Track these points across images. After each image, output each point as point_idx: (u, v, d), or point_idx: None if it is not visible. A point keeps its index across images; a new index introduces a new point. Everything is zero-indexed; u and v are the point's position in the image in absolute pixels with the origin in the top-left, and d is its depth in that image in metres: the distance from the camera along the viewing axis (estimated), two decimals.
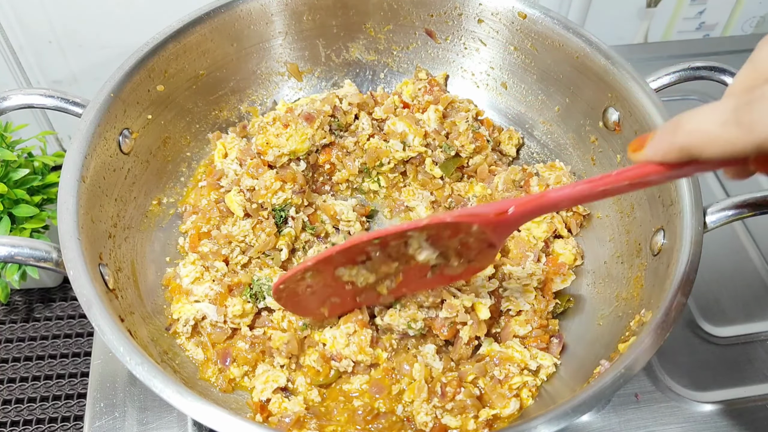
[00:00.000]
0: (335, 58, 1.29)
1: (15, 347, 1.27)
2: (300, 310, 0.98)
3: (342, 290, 0.93)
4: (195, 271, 1.03)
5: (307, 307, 0.97)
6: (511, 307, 1.02)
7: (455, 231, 0.84)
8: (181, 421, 1.00)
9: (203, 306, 1.00)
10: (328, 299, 0.95)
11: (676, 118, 0.58)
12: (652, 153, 0.61)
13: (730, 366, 1.11)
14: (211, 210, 1.11)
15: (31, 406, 1.20)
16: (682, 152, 0.57)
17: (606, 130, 1.10)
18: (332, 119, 1.18)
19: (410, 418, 0.93)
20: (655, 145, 0.60)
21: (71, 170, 0.91)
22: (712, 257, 1.19)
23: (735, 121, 0.51)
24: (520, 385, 0.95)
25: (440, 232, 0.84)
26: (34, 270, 1.18)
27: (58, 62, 1.35)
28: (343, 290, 0.93)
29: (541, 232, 1.09)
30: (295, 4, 1.19)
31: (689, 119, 0.56)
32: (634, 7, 1.59)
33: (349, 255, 0.87)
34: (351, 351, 0.96)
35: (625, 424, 1.03)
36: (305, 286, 0.92)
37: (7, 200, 1.13)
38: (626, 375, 0.76)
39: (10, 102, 0.97)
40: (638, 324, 0.88)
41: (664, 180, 0.67)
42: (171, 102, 1.13)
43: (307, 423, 0.92)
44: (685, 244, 0.87)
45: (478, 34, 1.23)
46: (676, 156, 0.58)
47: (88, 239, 0.88)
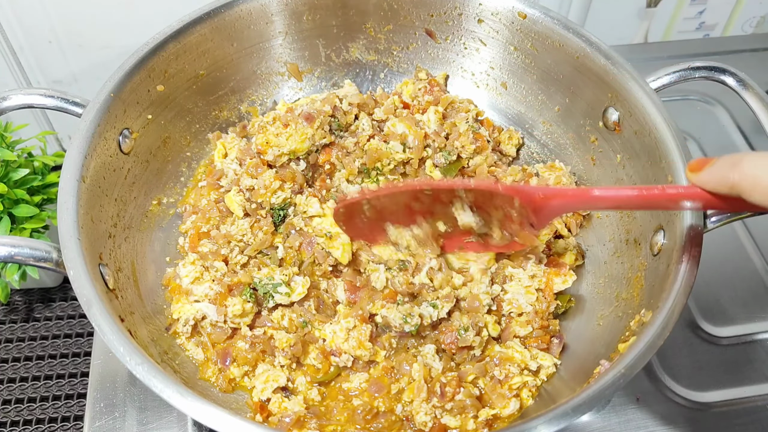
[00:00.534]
0: (335, 58, 1.29)
1: (15, 347, 1.27)
2: (353, 233, 1.04)
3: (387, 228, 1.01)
4: (195, 271, 1.03)
5: (360, 232, 1.03)
6: (513, 309, 1.02)
7: (499, 201, 0.89)
8: (181, 421, 1.00)
9: (203, 306, 1.00)
10: (378, 230, 1.02)
11: (740, 155, 0.60)
12: (706, 179, 0.63)
13: (730, 366, 1.11)
14: (211, 210, 1.11)
15: (31, 406, 1.20)
16: (732, 189, 0.59)
17: (606, 130, 1.10)
18: (332, 119, 1.18)
19: (410, 418, 0.93)
20: (711, 173, 0.63)
21: (71, 170, 0.91)
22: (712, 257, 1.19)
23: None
24: (520, 385, 0.95)
25: (485, 198, 0.90)
26: (34, 270, 1.18)
27: (58, 62, 1.35)
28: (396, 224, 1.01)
29: (542, 234, 1.09)
30: (295, 4, 1.19)
31: (749, 161, 0.58)
32: (634, 7, 1.59)
33: (401, 199, 0.94)
34: (350, 346, 0.96)
35: (625, 424, 1.03)
36: (360, 215, 0.99)
37: (7, 200, 1.13)
38: (626, 375, 0.76)
39: (10, 102, 0.97)
40: (638, 324, 0.88)
41: (706, 207, 0.69)
42: (171, 102, 1.13)
43: (307, 423, 0.92)
44: (685, 244, 0.87)
45: (478, 34, 1.23)
46: (726, 190, 0.61)
47: (88, 239, 0.88)
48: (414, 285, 1.01)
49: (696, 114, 1.48)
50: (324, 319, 1.01)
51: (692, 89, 1.49)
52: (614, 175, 1.09)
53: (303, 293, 1.02)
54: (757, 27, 1.69)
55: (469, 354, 0.99)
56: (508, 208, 0.89)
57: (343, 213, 1.00)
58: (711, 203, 0.67)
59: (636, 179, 1.04)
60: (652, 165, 0.99)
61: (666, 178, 0.95)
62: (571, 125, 1.18)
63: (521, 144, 1.26)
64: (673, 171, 0.93)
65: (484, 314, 1.01)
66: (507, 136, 1.24)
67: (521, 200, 0.87)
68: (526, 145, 1.27)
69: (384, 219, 1.00)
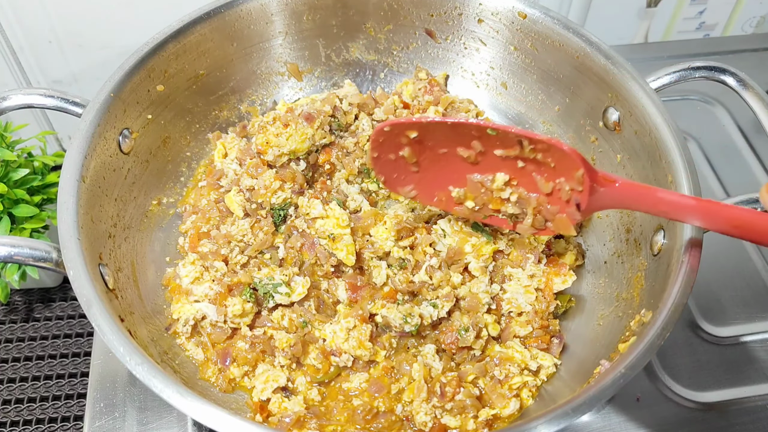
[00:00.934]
0: (335, 58, 1.29)
1: (15, 347, 1.27)
2: (379, 167, 0.97)
3: (428, 176, 0.95)
4: (195, 271, 1.03)
5: (385, 168, 0.96)
6: (512, 309, 1.02)
7: (560, 164, 0.82)
8: (181, 421, 1.00)
9: (203, 306, 1.00)
10: (405, 174, 0.96)
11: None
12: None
13: (730, 366, 1.11)
14: (211, 210, 1.11)
15: (31, 406, 1.20)
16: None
17: (606, 129, 1.10)
18: (332, 119, 1.18)
19: (410, 418, 0.93)
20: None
21: (71, 170, 0.91)
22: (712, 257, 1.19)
23: None
24: (521, 385, 0.95)
25: (547, 155, 0.83)
26: (34, 270, 1.18)
27: (58, 62, 1.35)
28: (428, 176, 0.95)
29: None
30: (295, 4, 1.19)
31: None
32: (634, 7, 1.59)
33: (453, 136, 0.89)
34: (350, 345, 0.96)
35: (625, 424, 1.03)
36: (398, 147, 0.93)
37: (7, 200, 1.13)
38: (626, 375, 0.76)
39: (10, 102, 0.98)
40: (638, 324, 0.88)
41: None
42: (171, 102, 1.13)
43: (307, 423, 0.92)
44: (685, 244, 0.87)
45: (478, 34, 1.23)
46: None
47: (88, 239, 0.88)
48: (414, 283, 1.01)
49: (696, 114, 1.48)
50: (324, 319, 1.01)
51: (692, 89, 1.49)
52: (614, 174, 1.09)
53: (303, 293, 1.02)
54: (757, 27, 1.69)
55: (469, 354, 0.99)
56: (564, 178, 0.83)
57: (385, 134, 0.91)
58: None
59: (636, 179, 1.04)
60: (652, 165, 0.99)
61: (666, 178, 0.95)
62: (571, 125, 1.18)
63: None
64: (674, 171, 0.93)
65: (483, 314, 1.01)
66: None
67: (586, 170, 0.79)
68: None
69: (420, 162, 0.93)
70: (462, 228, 1.05)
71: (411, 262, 1.03)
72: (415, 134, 0.91)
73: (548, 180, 0.86)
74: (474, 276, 1.04)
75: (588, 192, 0.82)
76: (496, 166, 0.91)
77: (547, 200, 0.88)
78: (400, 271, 1.02)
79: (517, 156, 0.88)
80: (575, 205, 0.84)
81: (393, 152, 0.94)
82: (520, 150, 0.86)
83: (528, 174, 0.89)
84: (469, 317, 0.99)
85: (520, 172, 0.90)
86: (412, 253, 1.05)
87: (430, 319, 0.98)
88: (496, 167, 0.91)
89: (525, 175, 0.89)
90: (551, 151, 0.83)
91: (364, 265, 1.06)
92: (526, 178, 0.90)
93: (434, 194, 0.98)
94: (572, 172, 0.81)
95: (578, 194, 0.83)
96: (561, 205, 0.86)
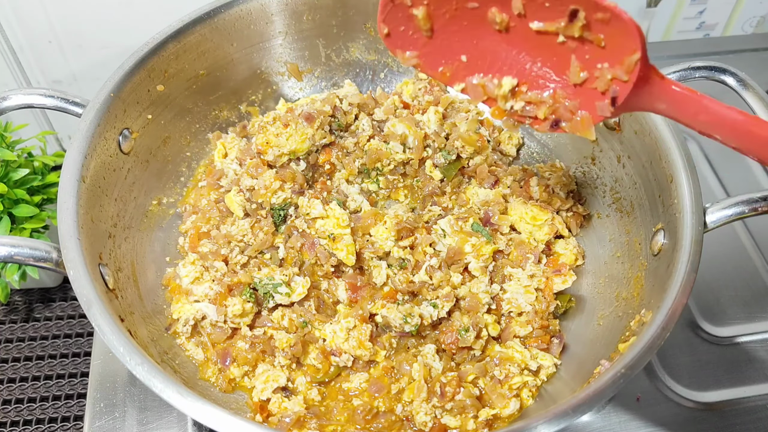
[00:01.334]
0: (335, 58, 1.29)
1: (15, 347, 1.27)
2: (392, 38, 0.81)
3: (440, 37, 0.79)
4: (195, 271, 1.03)
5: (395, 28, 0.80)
6: (512, 309, 1.02)
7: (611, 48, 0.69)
8: (181, 421, 1.00)
9: (203, 306, 1.00)
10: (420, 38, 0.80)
11: None
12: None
13: (730, 366, 1.11)
14: (211, 210, 1.11)
15: (31, 406, 1.20)
16: None
17: (606, 129, 1.10)
18: (332, 119, 1.18)
19: (410, 418, 0.93)
20: None
21: (71, 170, 0.91)
22: (712, 257, 1.19)
23: None
24: (521, 385, 0.95)
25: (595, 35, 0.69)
26: (34, 270, 1.18)
27: (58, 62, 1.35)
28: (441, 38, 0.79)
29: (542, 234, 1.09)
30: (295, 4, 1.19)
31: None
32: (634, 7, 1.59)
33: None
34: (350, 346, 0.96)
35: (625, 424, 1.03)
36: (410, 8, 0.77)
37: (7, 200, 1.13)
38: (626, 375, 0.76)
39: (10, 102, 0.97)
40: (638, 324, 0.88)
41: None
42: (171, 102, 1.13)
43: (307, 423, 0.92)
44: (685, 244, 0.87)
45: None
46: None
47: (88, 239, 0.88)
48: (414, 283, 1.01)
49: None
50: (324, 319, 1.01)
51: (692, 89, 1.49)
52: (614, 174, 1.09)
53: (303, 293, 1.02)
54: (757, 27, 1.69)
55: (469, 354, 0.99)
56: (609, 63, 0.69)
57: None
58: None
59: (636, 178, 1.04)
60: (652, 165, 0.99)
61: (666, 178, 0.95)
62: None
63: (521, 144, 1.26)
64: (674, 171, 0.93)
65: (483, 314, 1.01)
66: (507, 136, 1.24)
67: (642, 52, 0.66)
68: (526, 145, 1.27)
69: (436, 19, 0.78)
70: (462, 228, 1.05)
71: (411, 262, 1.03)
72: None
73: (585, 67, 0.72)
74: (474, 276, 1.04)
75: (633, 83, 0.69)
76: (526, 42, 0.75)
77: (569, 94, 0.75)
78: (400, 271, 1.02)
79: (558, 31, 0.72)
80: (611, 98, 0.71)
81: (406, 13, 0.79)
82: (568, 24, 0.71)
83: (556, 57, 0.75)
84: (469, 317, 0.99)
85: (551, 52, 0.75)
86: (412, 253, 1.05)
87: (430, 319, 0.98)
88: (526, 43, 0.76)
89: (555, 56, 0.74)
90: (608, 26, 0.69)
91: (364, 265, 1.06)
92: (552, 62, 0.75)
93: (440, 63, 0.82)
94: (624, 55, 0.68)
95: (621, 84, 0.70)
96: (587, 99, 0.73)
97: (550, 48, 0.74)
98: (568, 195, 1.13)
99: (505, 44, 0.77)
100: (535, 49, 0.76)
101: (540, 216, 1.09)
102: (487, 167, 1.18)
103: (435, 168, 1.17)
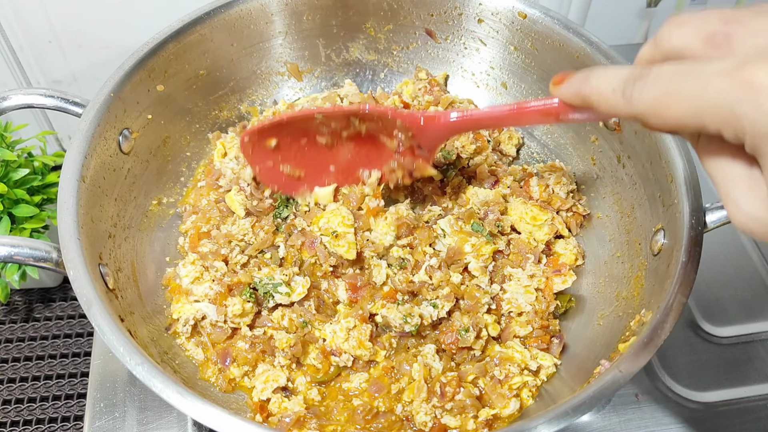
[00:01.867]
0: (335, 58, 1.29)
1: (15, 347, 1.27)
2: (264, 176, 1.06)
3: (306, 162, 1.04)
4: (195, 271, 1.03)
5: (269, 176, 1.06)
6: (512, 309, 1.02)
7: (388, 126, 0.96)
8: (181, 421, 1.00)
9: (203, 306, 1.00)
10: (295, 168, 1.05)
11: (589, 70, 0.65)
12: (563, 92, 0.70)
13: (730, 366, 1.11)
14: (211, 210, 1.11)
15: (31, 406, 1.20)
16: (584, 101, 0.66)
17: (606, 129, 1.10)
18: None
19: (410, 418, 0.93)
20: (567, 87, 0.69)
21: (71, 170, 0.91)
22: (712, 257, 1.19)
23: (621, 92, 0.59)
24: (521, 385, 0.95)
25: (376, 124, 0.97)
26: (34, 270, 1.18)
27: (58, 62, 1.35)
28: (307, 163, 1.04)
29: (542, 234, 1.09)
30: (295, 3, 1.19)
31: (596, 76, 0.64)
32: (634, 7, 1.59)
33: (300, 125, 0.99)
34: (350, 345, 0.96)
35: (625, 424, 1.03)
36: (270, 155, 1.03)
37: (7, 200, 1.13)
38: (626, 375, 0.76)
39: (10, 102, 0.97)
40: (638, 324, 0.88)
41: (567, 119, 0.76)
42: (171, 102, 1.13)
43: (307, 423, 0.92)
44: (685, 244, 0.87)
45: (478, 33, 1.23)
46: (579, 102, 0.67)
47: (88, 239, 0.88)
48: (414, 283, 1.01)
49: None
50: (324, 319, 1.01)
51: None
52: (614, 174, 1.09)
53: (303, 293, 1.02)
54: None
55: (469, 354, 0.99)
56: (397, 131, 0.96)
57: (248, 143, 1.01)
58: (570, 114, 0.75)
59: (636, 178, 1.04)
60: (652, 165, 0.99)
61: (666, 178, 0.95)
62: (572, 125, 1.18)
63: (521, 144, 1.26)
64: (674, 171, 0.93)
65: (483, 314, 1.01)
66: (507, 136, 1.24)
67: (402, 120, 0.94)
68: (526, 145, 1.27)
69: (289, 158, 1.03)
70: (462, 228, 1.05)
71: (411, 262, 1.03)
72: (275, 141, 1.01)
73: (390, 138, 0.98)
74: (474, 276, 1.04)
75: (417, 133, 0.95)
76: (348, 145, 1.02)
77: (401, 156, 1.00)
78: (400, 271, 1.02)
79: (356, 130, 0.99)
80: (417, 145, 0.97)
81: (265, 156, 1.03)
82: (351, 125, 0.98)
83: (376, 139, 1.00)
84: (469, 317, 0.99)
85: (369, 141, 1.00)
86: (412, 253, 1.05)
87: (430, 319, 0.98)
88: (348, 145, 1.02)
89: (374, 140, 1.00)
90: (373, 120, 0.96)
91: (365, 265, 1.06)
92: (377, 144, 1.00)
93: (322, 177, 1.07)
94: (394, 126, 0.95)
95: (414, 139, 0.96)
96: (412, 155, 0.99)
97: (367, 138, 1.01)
98: (568, 195, 1.13)
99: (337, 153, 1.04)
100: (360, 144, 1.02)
101: (540, 216, 1.09)
102: (487, 167, 1.18)
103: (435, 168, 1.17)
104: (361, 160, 1.04)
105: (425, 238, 1.06)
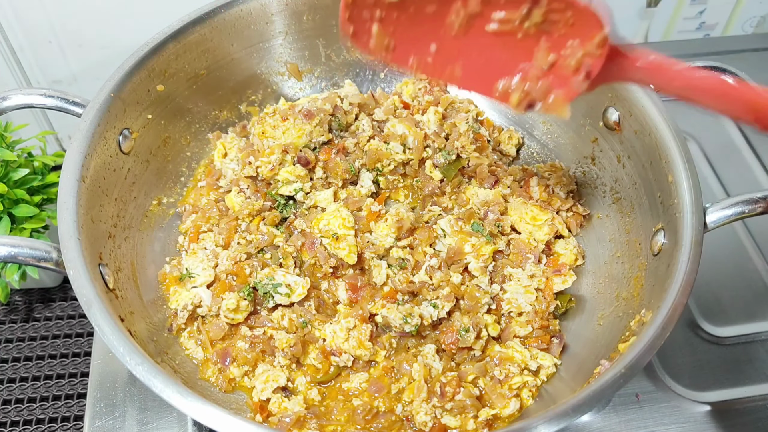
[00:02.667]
0: (335, 58, 1.29)
1: (15, 347, 1.27)
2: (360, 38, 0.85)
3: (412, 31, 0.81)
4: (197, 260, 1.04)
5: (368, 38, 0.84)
6: (512, 309, 1.02)
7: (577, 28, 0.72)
8: (181, 421, 1.00)
9: (200, 291, 1.00)
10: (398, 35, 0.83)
11: None
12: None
13: (730, 366, 1.11)
14: (211, 209, 1.11)
15: (31, 406, 1.20)
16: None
17: (606, 129, 1.10)
18: (333, 118, 1.18)
19: (410, 418, 0.93)
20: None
21: (71, 170, 0.91)
22: (712, 257, 1.19)
23: None
24: (521, 385, 0.95)
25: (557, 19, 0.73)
26: (34, 270, 1.18)
27: (58, 62, 1.35)
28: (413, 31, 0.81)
29: (543, 234, 1.09)
30: (295, 4, 1.19)
31: None
32: (634, 7, 1.59)
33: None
34: (350, 346, 0.96)
35: (625, 424, 1.03)
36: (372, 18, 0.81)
37: (7, 200, 1.13)
38: (626, 375, 0.76)
39: (10, 102, 0.98)
40: (638, 324, 0.88)
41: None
42: (171, 102, 1.13)
43: (307, 423, 0.92)
44: (685, 244, 0.87)
45: None
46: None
47: (88, 239, 0.88)
48: (414, 283, 1.01)
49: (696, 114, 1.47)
50: (324, 319, 1.01)
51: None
52: (614, 174, 1.09)
53: (303, 294, 1.02)
54: (757, 27, 1.69)
55: (469, 354, 0.99)
56: (580, 39, 0.72)
57: None
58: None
59: (636, 178, 1.04)
60: (652, 165, 0.99)
61: (666, 177, 0.95)
62: (571, 125, 1.18)
63: (521, 144, 1.26)
64: (674, 171, 0.93)
65: (483, 314, 1.01)
66: (507, 136, 1.24)
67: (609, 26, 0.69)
68: (526, 145, 1.27)
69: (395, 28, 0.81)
70: (462, 228, 1.05)
71: (411, 262, 1.03)
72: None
73: (554, 48, 0.75)
74: (474, 276, 1.04)
75: (606, 56, 0.72)
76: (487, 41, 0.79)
77: (540, 76, 0.78)
78: (400, 271, 1.02)
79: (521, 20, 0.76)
80: (585, 73, 0.75)
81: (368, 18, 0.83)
82: (528, 14, 0.74)
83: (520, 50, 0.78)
84: (469, 317, 0.99)
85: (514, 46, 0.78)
86: (412, 253, 1.05)
87: (430, 319, 0.98)
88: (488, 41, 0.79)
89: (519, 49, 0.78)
90: (567, 12, 0.72)
91: (365, 265, 1.06)
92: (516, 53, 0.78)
93: (409, 54, 0.86)
94: (594, 31, 0.71)
95: (593, 58, 0.73)
96: (558, 79, 0.77)
97: (512, 43, 0.78)
98: (568, 195, 1.13)
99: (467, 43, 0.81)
100: (498, 45, 0.79)
101: (540, 216, 1.09)
102: (487, 167, 1.18)
103: (435, 168, 1.17)
104: (495, 65, 0.80)
105: (425, 238, 1.06)
